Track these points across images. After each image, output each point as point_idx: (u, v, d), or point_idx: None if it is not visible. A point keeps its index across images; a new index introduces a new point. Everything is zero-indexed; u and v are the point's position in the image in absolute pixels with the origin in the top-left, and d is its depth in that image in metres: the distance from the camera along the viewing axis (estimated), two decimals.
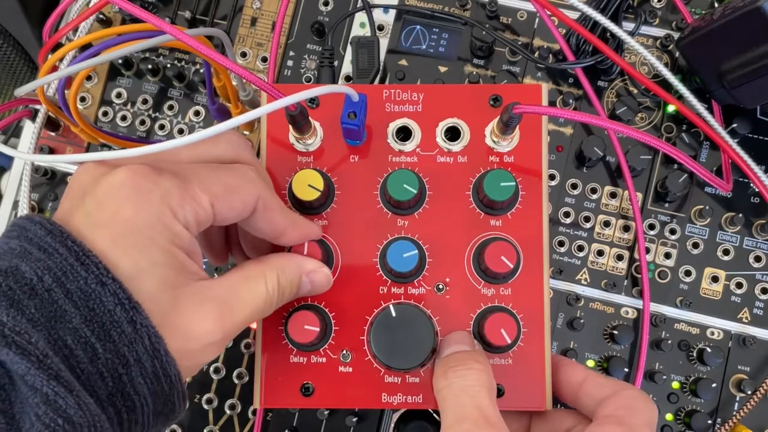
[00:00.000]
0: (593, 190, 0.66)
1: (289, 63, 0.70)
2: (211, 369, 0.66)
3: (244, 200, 0.43)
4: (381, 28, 0.70)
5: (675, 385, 0.64)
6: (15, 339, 0.33)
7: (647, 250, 0.65)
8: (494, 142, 0.53)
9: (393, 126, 0.53)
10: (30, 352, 0.33)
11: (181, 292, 0.40)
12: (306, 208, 0.52)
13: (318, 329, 0.49)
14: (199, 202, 0.40)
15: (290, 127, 0.51)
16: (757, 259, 0.65)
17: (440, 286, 0.52)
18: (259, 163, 0.49)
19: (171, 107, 0.70)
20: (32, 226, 0.38)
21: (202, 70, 0.70)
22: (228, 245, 0.54)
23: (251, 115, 0.41)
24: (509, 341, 0.49)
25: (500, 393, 0.51)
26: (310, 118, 0.51)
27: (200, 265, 0.42)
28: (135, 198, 0.38)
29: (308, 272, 0.48)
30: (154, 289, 0.38)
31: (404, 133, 0.54)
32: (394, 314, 0.49)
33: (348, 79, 0.69)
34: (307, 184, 0.50)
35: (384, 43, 0.70)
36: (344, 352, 0.51)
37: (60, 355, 0.35)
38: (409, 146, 0.53)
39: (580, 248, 0.66)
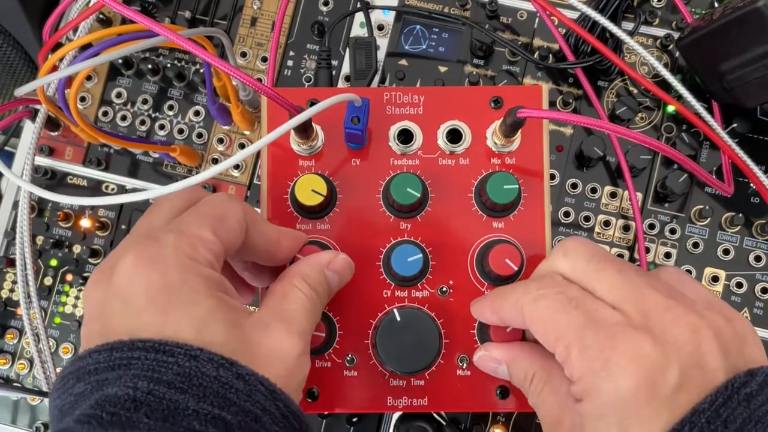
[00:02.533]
0: (593, 190, 0.66)
1: (289, 63, 0.70)
2: None
3: (236, 219, 0.43)
4: (381, 28, 0.70)
5: None
6: None
7: (647, 250, 0.66)
8: (496, 144, 0.53)
9: (394, 129, 0.53)
10: None
11: (246, 327, 0.39)
12: (308, 213, 0.52)
13: (324, 334, 0.49)
14: (206, 239, 0.40)
15: (292, 131, 0.51)
16: (757, 259, 0.65)
17: (444, 289, 0.52)
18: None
19: (171, 107, 0.70)
20: (87, 360, 0.36)
21: (202, 70, 0.70)
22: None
23: (254, 148, 0.42)
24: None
25: (506, 394, 0.51)
26: (312, 122, 0.51)
27: (240, 301, 0.42)
28: (155, 266, 0.38)
29: (327, 265, 0.47)
30: (223, 335, 0.37)
31: (405, 136, 0.54)
32: (399, 319, 0.49)
33: (348, 79, 0.69)
34: (311, 189, 0.50)
35: (384, 43, 0.70)
36: (349, 356, 0.51)
37: None
38: (410, 149, 0.53)
39: None
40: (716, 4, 0.68)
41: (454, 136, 0.53)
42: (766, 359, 0.40)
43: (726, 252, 0.65)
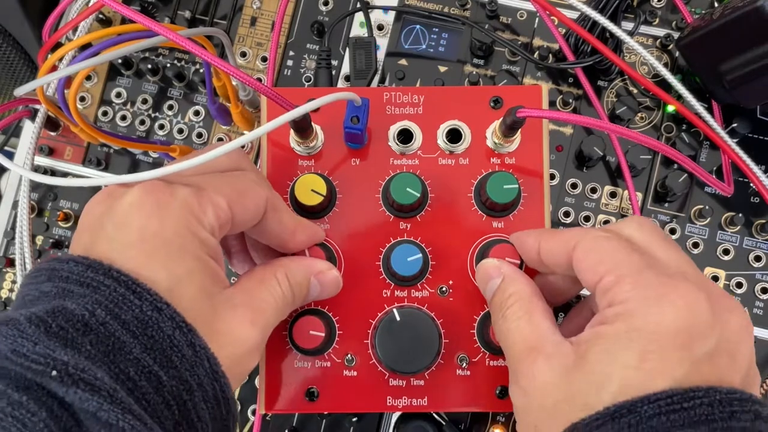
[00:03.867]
0: (593, 190, 0.66)
1: (289, 63, 0.70)
2: None
3: (255, 202, 0.44)
4: (381, 27, 0.70)
5: None
6: (81, 376, 0.31)
7: None
8: (495, 143, 0.53)
9: (394, 129, 0.53)
10: (99, 387, 0.32)
11: (217, 299, 0.40)
12: (308, 213, 0.52)
13: (323, 334, 0.49)
14: (218, 205, 0.40)
15: (291, 130, 0.51)
16: (757, 258, 0.65)
17: (443, 289, 0.52)
18: (258, 170, 0.49)
19: (171, 107, 0.70)
20: (64, 265, 0.37)
21: (201, 70, 0.70)
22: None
23: (258, 132, 0.41)
24: None
25: (506, 394, 0.51)
26: (312, 122, 0.51)
27: (225, 272, 0.42)
28: (158, 211, 0.38)
29: (317, 273, 0.48)
30: (194, 298, 0.38)
31: (405, 136, 0.54)
32: (398, 318, 0.49)
33: (347, 79, 0.69)
34: (310, 189, 0.50)
35: (384, 43, 0.69)
36: (348, 356, 0.51)
37: (124, 388, 0.33)
38: (410, 148, 0.53)
39: None
40: (716, 4, 0.68)
41: (454, 135, 0.53)
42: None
43: (726, 252, 0.65)
